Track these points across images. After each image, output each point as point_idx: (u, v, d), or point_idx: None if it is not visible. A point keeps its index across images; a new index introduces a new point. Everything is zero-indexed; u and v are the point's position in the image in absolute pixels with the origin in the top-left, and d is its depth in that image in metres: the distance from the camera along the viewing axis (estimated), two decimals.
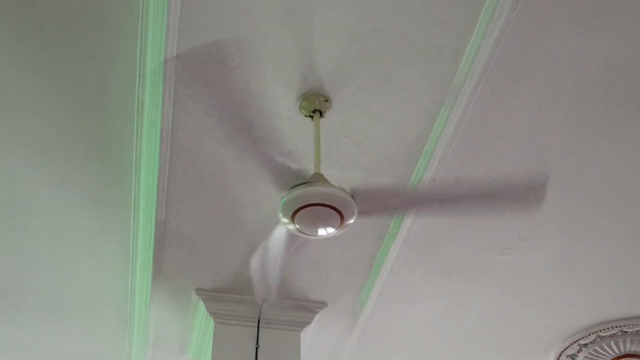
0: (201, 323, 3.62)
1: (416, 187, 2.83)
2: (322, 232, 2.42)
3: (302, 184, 2.37)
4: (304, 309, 3.56)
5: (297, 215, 2.35)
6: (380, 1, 2.23)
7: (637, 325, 3.87)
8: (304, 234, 2.44)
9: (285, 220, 2.38)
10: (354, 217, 2.40)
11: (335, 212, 2.35)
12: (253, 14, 2.26)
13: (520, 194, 2.55)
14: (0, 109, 2.64)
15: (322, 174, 2.44)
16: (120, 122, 2.70)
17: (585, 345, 4.00)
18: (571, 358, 4.10)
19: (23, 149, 2.81)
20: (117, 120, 2.70)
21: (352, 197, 2.36)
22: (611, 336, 3.93)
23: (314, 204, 2.32)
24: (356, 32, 2.32)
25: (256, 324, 3.44)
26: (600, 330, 3.91)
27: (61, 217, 3.15)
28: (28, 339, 4.02)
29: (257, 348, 3.37)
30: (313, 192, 2.33)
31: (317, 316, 3.62)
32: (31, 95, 2.59)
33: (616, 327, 3.88)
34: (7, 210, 3.10)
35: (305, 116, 2.56)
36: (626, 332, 3.91)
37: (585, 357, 4.07)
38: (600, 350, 4.01)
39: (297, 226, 2.38)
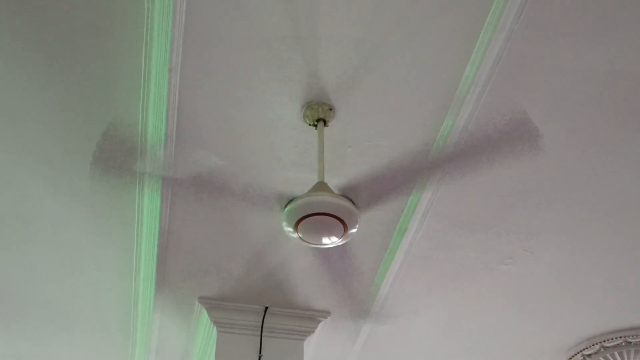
0: (204, 332, 3.62)
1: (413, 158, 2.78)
2: (325, 241, 2.43)
3: (306, 193, 2.37)
4: (307, 318, 3.56)
5: (300, 225, 2.35)
6: (385, 13, 2.24)
7: None
8: (308, 242, 2.44)
9: (289, 229, 2.39)
10: (357, 226, 2.40)
11: (339, 221, 2.35)
12: (258, 24, 2.26)
13: (515, 138, 2.57)
14: (4, 120, 2.65)
15: (326, 183, 2.44)
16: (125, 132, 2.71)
17: (589, 355, 3.99)
18: None
19: (27, 160, 2.81)
20: (122, 130, 2.70)
21: (353, 202, 2.36)
22: (615, 346, 3.92)
23: (317, 214, 2.33)
24: (361, 42, 2.32)
25: (259, 333, 3.44)
26: (605, 341, 3.89)
27: (65, 226, 3.15)
28: (31, 349, 4.03)
29: (260, 357, 3.36)
30: (316, 201, 2.33)
31: (320, 325, 3.62)
32: (35, 106, 2.60)
33: (620, 337, 3.87)
34: (11, 220, 3.10)
35: (309, 125, 2.56)
36: (630, 342, 3.89)
37: None
38: None
39: (301, 235, 2.39)
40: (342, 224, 2.37)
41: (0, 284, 3.49)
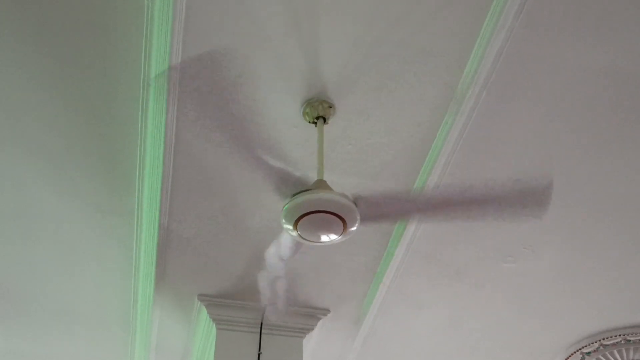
0: (204, 329, 3.62)
1: (420, 192, 2.83)
2: (325, 238, 2.42)
3: (305, 190, 2.37)
4: (306, 315, 3.56)
5: (299, 222, 2.35)
6: (385, 11, 2.24)
7: None
8: (307, 240, 2.44)
9: (288, 227, 2.38)
10: (357, 224, 2.40)
11: (338, 219, 2.34)
12: (258, 21, 2.26)
13: (524, 200, 2.54)
14: (5, 117, 2.65)
15: (325, 181, 2.44)
16: (125, 129, 2.71)
17: (589, 353, 3.99)
18: None
19: (28, 157, 2.81)
20: (122, 127, 2.70)
21: (355, 204, 2.35)
22: (614, 344, 3.92)
23: (317, 211, 2.32)
24: (361, 40, 2.32)
25: (259, 330, 3.44)
26: (604, 339, 3.90)
27: (65, 224, 3.15)
28: (31, 346, 4.03)
29: (259, 354, 3.37)
30: (316, 199, 2.33)
31: (319, 323, 3.62)
32: (36, 103, 2.60)
33: (620, 335, 3.87)
34: (12, 217, 3.11)
35: (309, 122, 2.56)
36: (629, 340, 3.90)
37: None
38: (604, 359, 3.99)
39: (300, 233, 2.39)
40: (341, 221, 2.37)
41: (1, 281, 3.50)
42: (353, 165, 2.79)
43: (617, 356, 3.97)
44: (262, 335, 3.43)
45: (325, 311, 3.60)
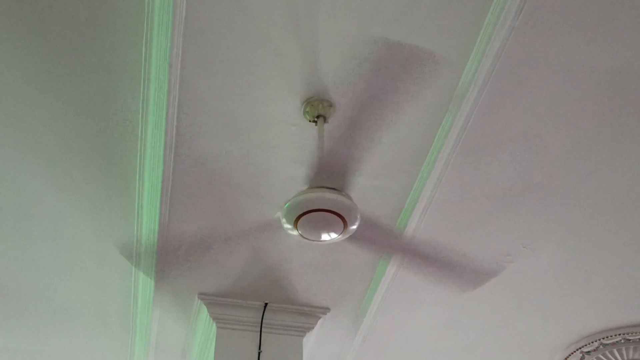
0: (204, 328, 3.62)
1: (404, 235, 3.05)
2: (325, 237, 2.43)
3: (306, 189, 2.37)
4: (306, 314, 3.56)
5: (300, 221, 2.35)
6: (385, 9, 2.24)
7: None
8: (307, 239, 2.44)
9: (289, 226, 2.39)
10: (357, 223, 2.40)
11: (338, 218, 2.35)
12: (258, 20, 2.26)
13: (463, 275, 2.85)
14: (4, 115, 2.65)
15: (326, 180, 2.44)
16: (125, 128, 2.71)
17: (588, 352, 3.99)
18: None
19: (27, 155, 2.81)
20: (122, 126, 2.70)
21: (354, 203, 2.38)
22: (614, 344, 3.92)
23: (317, 210, 2.32)
24: (361, 38, 2.32)
25: (259, 329, 3.44)
26: (604, 338, 3.90)
27: (65, 223, 3.15)
28: (30, 345, 4.03)
29: (259, 353, 3.37)
30: (316, 198, 2.33)
31: (319, 321, 3.62)
32: (35, 101, 2.60)
33: (619, 334, 3.87)
34: (11, 216, 3.11)
35: (309, 121, 2.56)
36: (629, 339, 3.90)
37: None
38: (604, 358, 4.00)
39: (300, 231, 2.39)
40: (341, 220, 2.37)
41: (0, 279, 3.49)
42: (353, 164, 2.78)
43: (617, 355, 3.97)
44: (262, 334, 3.43)
45: (325, 310, 3.60)
